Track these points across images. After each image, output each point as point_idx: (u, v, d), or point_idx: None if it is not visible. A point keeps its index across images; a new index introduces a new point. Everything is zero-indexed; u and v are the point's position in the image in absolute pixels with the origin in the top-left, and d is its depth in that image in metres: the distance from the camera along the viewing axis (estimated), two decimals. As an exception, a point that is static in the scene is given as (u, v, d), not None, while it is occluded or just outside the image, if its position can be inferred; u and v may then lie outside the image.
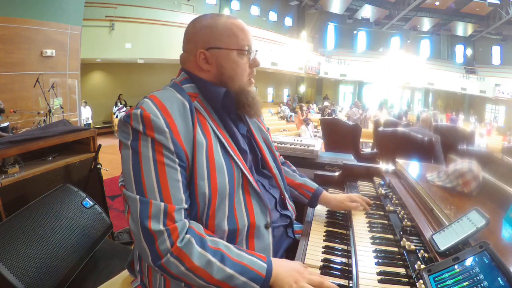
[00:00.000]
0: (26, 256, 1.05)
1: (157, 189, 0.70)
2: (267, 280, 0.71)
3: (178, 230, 0.69)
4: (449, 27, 17.16)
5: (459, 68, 16.57)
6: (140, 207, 0.69)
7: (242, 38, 0.84)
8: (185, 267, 0.68)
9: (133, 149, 0.71)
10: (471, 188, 1.05)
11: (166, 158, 0.71)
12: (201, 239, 0.70)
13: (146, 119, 0.70)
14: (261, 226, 0.84)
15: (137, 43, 8.66)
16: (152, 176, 0.70)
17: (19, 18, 5.40)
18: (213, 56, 0.83)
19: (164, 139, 0.71)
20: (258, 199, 0.84)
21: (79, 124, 6.65)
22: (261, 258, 0.74)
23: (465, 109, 17.07)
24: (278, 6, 16.54)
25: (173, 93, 0.79)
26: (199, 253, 0.68)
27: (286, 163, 1.21)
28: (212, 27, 0.83)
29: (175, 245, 0.67)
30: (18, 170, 1.57)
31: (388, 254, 0.83)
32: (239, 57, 0.84)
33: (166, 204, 0.69)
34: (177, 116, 0.74)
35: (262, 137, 1.01)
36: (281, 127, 11.87)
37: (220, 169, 0.78)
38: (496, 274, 0.57)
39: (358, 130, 4.12)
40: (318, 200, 1.12)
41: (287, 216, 0.97)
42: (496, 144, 10.74)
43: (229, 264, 0.70)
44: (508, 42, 16.23)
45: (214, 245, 0.71)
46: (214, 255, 0.69)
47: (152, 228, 0.67)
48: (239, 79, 0.86)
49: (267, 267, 0.72)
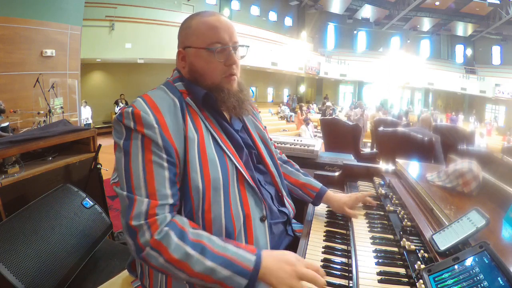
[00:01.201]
0: (26, 256, 1.05)
1: (143, 185, 0.72)
2: (254, 274, 0.69)
3: (157, 223, 0.70)
4: (449, 27, 17.16)
5: (459, 68, 16.58)
6: (127, 203, 0.72)
7: (210, 36, 0.84)
8: (164, 258, 0.69)
9: (124, 149, 0.75)
10: (471, 188, 1.05)
11: (154, 155, 0.74)
12: (181, 232, 0.71)
13: (136, 116, 0.74)
14: (256, 218, 0.84)
15: (137, 43, 8.67)
16: (140, 174, 0.73)
17: (19, 18, 5.39)
18: (188, 55, 0.87)
19: (153, 134, 0.74)
20: (253, 193, 0.85)
21: (79, 124, 6.65)
22: (249, 251, 0.72)
23: (465, 109, 17.07)
24: (278, 6, 16.55)
25: (165, 91, 0.83)
26: (176, 245, 0.69)
27: (289, 161, 1.21)
28: (186, 28, 0.88)
29: (152, 238, 0.69)
30: (18, 170, 1.57)
31: (388, 254, 0.84)
32: (208, 55, 0.84)
33: (150, 200, 0.72)
34: (167, 113, 0.77)
35: (259, 134, 1.01)
36: (281, 127, 11.87)
37: (213, 161, 0.79)
38: (496, 274, 0.57)
39: (358, 130, 4.12)
40: (321, 200, 1.13)
41: (284, 212, 0.97)
42: (496, 144, 10.74)
43: (210, 256, 0.69)
44: (508, 42, 16.24)
45: (196, 238, 0.71)
46: (194, 247, 0.69)
47: (133, 223, 0.70)
48: (209, 76, 0.86)
49: (255, 259, 0.70)
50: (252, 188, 0.85)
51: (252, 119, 1.02)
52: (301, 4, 17.00)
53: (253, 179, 0.86)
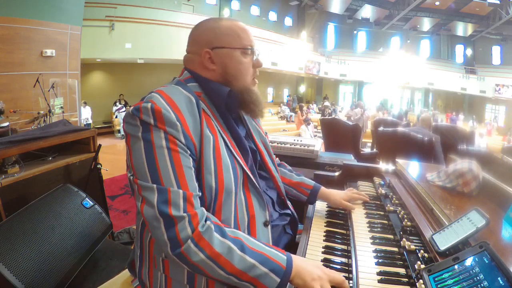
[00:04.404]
0: (26, 256, 1.05)
1: (174, 176, 0.70)
2: (288, 272, 0.69)
3: (198, 216, 0.69)
4: (449, 27, 17.16)
5: (459, 68, 16.57)
6: (157, 195, 0.68)
7: (244, 38, 0.87)
8: (206, 254, 0.67)
9: (145, 139, 0.71)
10: (471, 188, 1.05)
11: (180, 148, 0.72)
12: (220, 228, 0.71)
13: (157, 113, 0.71)
14: (260, 223, 0.84)
15: (137, 43, 8.66)
16: (168, 165, 0.70)
17: (19, 18, 5.39)
18: (218, 56, 0.85)
19: (176, 132, 0.72)
20: (258, 196, 0.86)
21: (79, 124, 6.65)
22: (280, 251, 0.73)
23: (465, 109, 17.07)
24: (278, 6, 16.55)
25: (179, 89, 0.80)
26: (219, 240, 0.68)
27: (282, 164, 1.24)
28: (215, 29, 0.86)
29: (196, 231, 0.67)
30: (18, 170, 1.57)
31: (388, 254, 0.83)
32: (242, 56, 0.86)
33: (185, 191, 0.69)
34: (185, 110, 0.75)
35: (261, 140, 1.02)
36: (281, 127, 11.86)
37: (226, 166, 0.79)
38: (496, 274, 0.57)
39: (358, 130, 4.12)
40: (316, 196, 1.15)
41: (287, 214, 0.98)
42: (496, 144, 10.74)
43: (249, 253, 0.69)
44: (508, 42, 16.24)
45: (233, 234, 0.71)
46: (235, 243, 0.69)
47: (173, 213, 0.67)
48: (243, 78, 0.87)
49: (287, 259, 0.71)
50: (257, 190, 0.85)
51: (255, 125, 1.03)
52: (301, 4, 16.99)
53: (258, 184, 0.87)
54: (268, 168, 0.99)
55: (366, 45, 18.85)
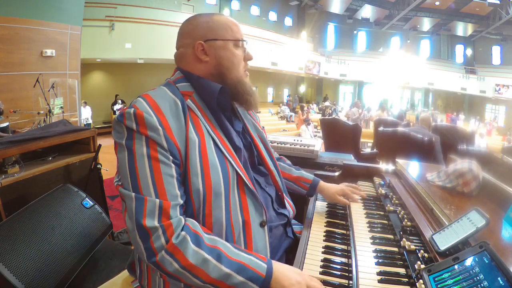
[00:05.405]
0: (26, 256, 1.05)
1: (152, 185, 0.70)
2: (267, 280, 0.70)
3: (173, 227, 0.69)
4: (449, 27, 17.16)
5: (459, 68, 16.57)
6: (135, 204, 0.69)
7: (236, 31, 0.89)
8: (180, 264, 0.67)
9: (127, 147, 0.72)
10: (471, 188, 1.05)
11: (160, 155, 0.72)
12: (196, 237, 0.70)
13: (139, 118, 0.71)
14: (256, 224, 0.84)
15: (137, 43, 8.66)
16: (147, 173, 0.70)
17: (19, 18, 5.39)
18: (211, 47, 0.86)
19: (157, 136, 0.72)
20: (252, 197, 0.84)
21: (79, 124, 6.65)
22: (261, 258, 0.74)
23: (465, 109, 17.07)
24: (278, 6, 16.55)
25: (166, 92, 0.81)
26: (193, 251, 0.68)
27: (281, 158, 1.24)
28: (209, 22, 0.88)
29: (170, 242, 0.67)
30: (18, 170, 1.57)
31: (388, 254, 0.83)
32: (235, 48, 0.88)
33: (161, 201, 0.69)
34: (169, 114, 0.76)
35: (258, 135, 1.02)
36: (281, 127, 11.86)
37: (214, 166, 0.78)
38: (496, 274, 0.57)
39: (358, 130, 4.11)
40: (315, 190, 1.18)
41: (284, 214, 0.97)
42: (496, 144, 10.74)
43: (226, 262, 0.69)
44: (508, 42, 16.24)
45: (212, 243, 0.71)
46: (210, 253, 0.69)
47: (147, 224, 0.67)
48: (236, 69, 0.88)
49: (267, 267, 0.72)
50: (252, 192, 0.84)
51: (251, 119, 1.03)
52: (301, 4, 16.99)
53: (253, 183, 0.86)
54: (266, 164, 0.98)
55: (366, 45, 18.85)
